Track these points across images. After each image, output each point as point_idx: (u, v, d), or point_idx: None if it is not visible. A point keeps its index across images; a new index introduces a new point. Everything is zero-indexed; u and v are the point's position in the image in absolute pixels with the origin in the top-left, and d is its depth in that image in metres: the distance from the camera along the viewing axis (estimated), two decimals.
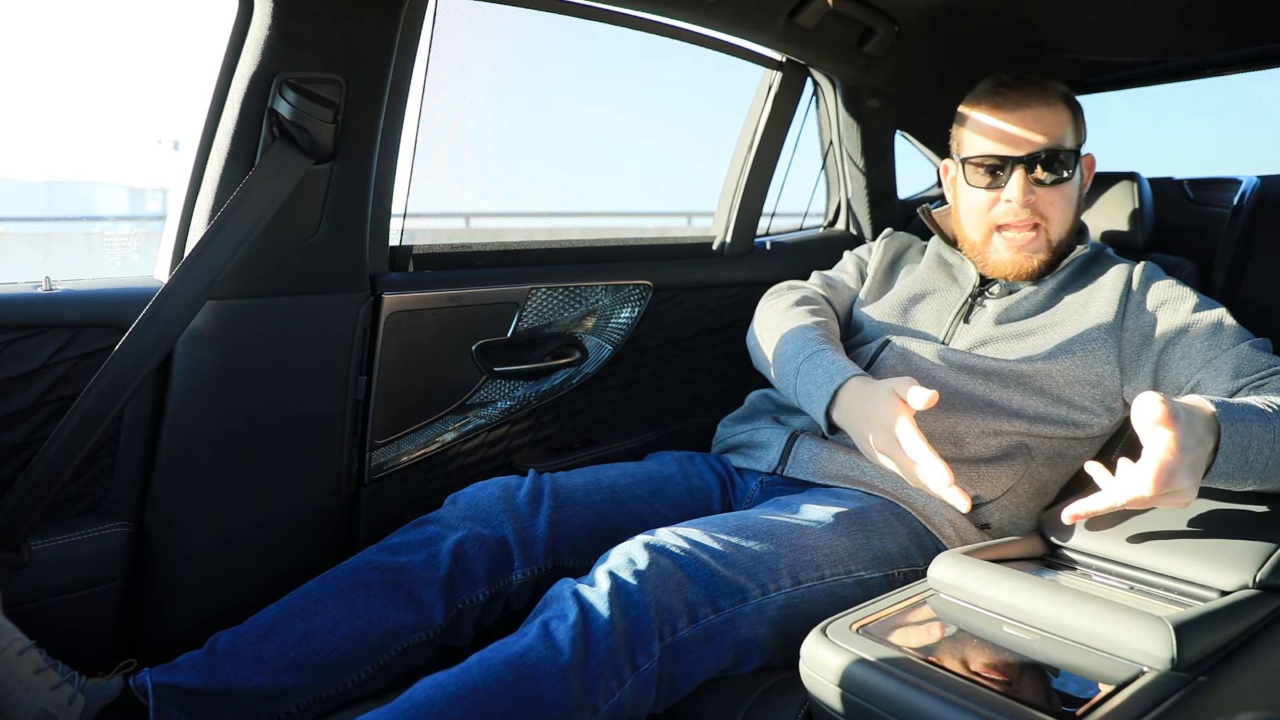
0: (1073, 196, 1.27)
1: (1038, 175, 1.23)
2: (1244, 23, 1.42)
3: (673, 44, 1.50)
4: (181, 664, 1.01)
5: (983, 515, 1.17)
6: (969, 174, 1.28)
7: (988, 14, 1.50)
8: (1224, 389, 1.08)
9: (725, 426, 1.42)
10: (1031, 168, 1.22)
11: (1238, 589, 0.82)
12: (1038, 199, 1.23)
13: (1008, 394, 1.21)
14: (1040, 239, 1.25)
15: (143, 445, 1.12)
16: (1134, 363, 1.19)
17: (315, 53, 1.08)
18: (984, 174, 1.26)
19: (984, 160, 1.25)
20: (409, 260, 1.35)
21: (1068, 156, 1.23)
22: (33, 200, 2.19)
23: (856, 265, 1.53)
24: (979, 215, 1.28)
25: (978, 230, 1.29)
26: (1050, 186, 1.23)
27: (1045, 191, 1.23)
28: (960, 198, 1.33)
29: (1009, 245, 1.26)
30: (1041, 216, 1.24)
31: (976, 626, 0.83)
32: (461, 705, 0.81)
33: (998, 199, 1.25)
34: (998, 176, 1.25)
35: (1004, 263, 1.28)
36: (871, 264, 1.50)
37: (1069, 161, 1.24)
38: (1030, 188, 1.22)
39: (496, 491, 1.16)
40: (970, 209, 1.30)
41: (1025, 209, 1.22)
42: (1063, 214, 1.25)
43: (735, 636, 0.94)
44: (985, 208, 1.27)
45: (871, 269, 1.48)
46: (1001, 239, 1.27)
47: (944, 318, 1.33)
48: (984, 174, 1.26)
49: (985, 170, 1.25)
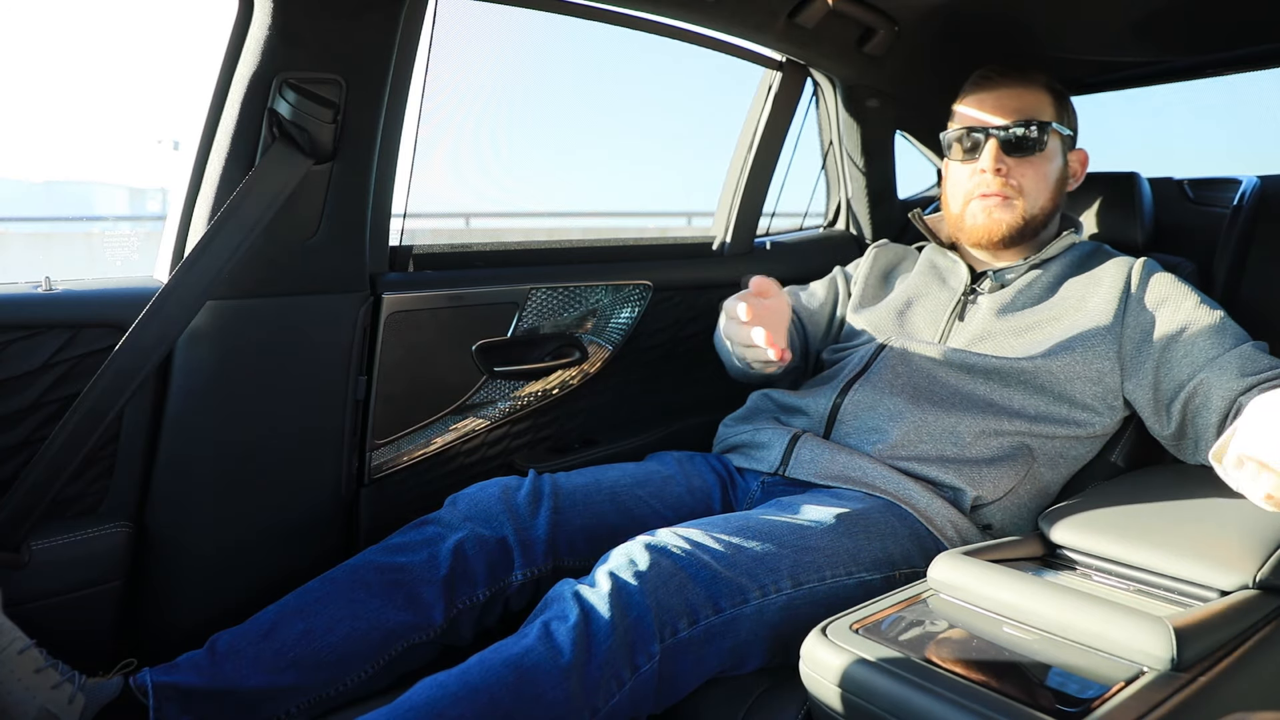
0: (1049, 174, 1.31)
1: (1010, 145, 1.29)
2: (1244, 23, 1.42)
3: (673, 44, 1.50)
4: (182, 663, 1.01)
5: (983, 516, 1.17)
6: (952, 150, 1.36)
7: (987, 14, 1.51)
8: (1231, 388, 1.08)
9: (726, 426, 1.42)
10: (1004, 140, 1.28)
11: (1238, 589, 0.82)
12: (1010, 170, 1.29)
13: (1008, 393, 1.21)
14: (1012, 208, 1.30)
15: (143, 445, 1.12)
16: (1134, 360, 1.20)
17: (315, 53, 1.08)
18: (962, 148, 1.33)
19: (961, 133, 1.33)
20: (409, 260, 1.35)
21: (1041, 129, 1.29)
22: (33, 200, 2.19)
23: (829, 282, 1.57)
24: (960, 188, 1.35)
25: (958, 202, 1.35)
26: (1023, 158, 1.29)
27: (1017, 163, 1.29)
28: (947, 178, 1.39)
29: (982, 209, 1.31)
30: (1015, 189, 1.29)
31: (976, 626, 0.83)
32: (462, 706, 0.81)
33: (974, 171, 1.31)
34: (975, 149, 1.31)
35: (977, 228, 1.32)
36: (860, 273, 1.52)
37: (1042, 134, 1.29)
38: (1001, 157, 1.29)
39: (496, 492, 1.16)
40: (954, 184, 1.37)
41: (997, 178, 1.28)
42: (1036, 187, 1.30)
43: (736, 637, 0.94)
44: (965, 179, 1.34)
45: (861, 277, 1.51)
46: (976, 204, 1.32)
47: (939, 318, 1.34)
48: (962, 148, 1.33)
49: (963, 144, 1.33)
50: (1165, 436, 1.18)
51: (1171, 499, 1.02)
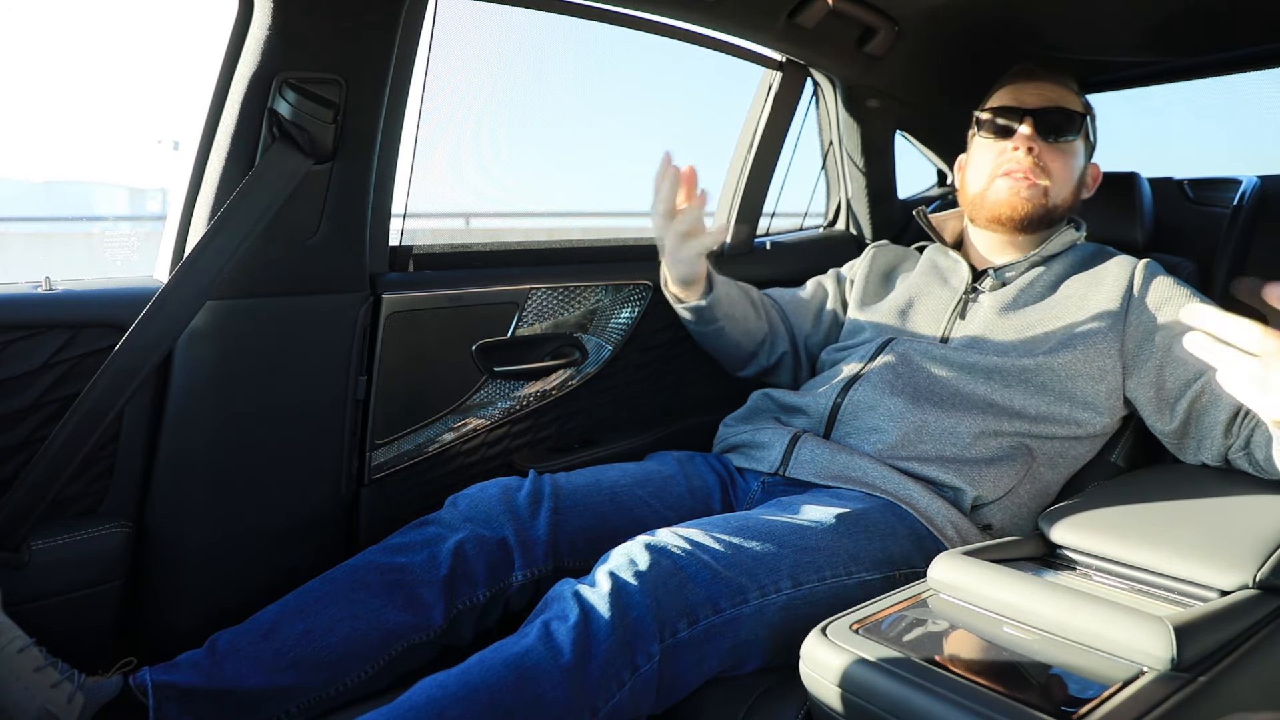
0: (1074, 168, 1.32)
1: (1046, 127, 1.29)
2: (1244, 23, 1.42)
3: (673, 44, 1.50)
4: (181, 663, 1.01)
5: (984, 516, 1.17)
6: (983, 128, 1.35)
7: (988, 14, 1.51)
8: None
9: (727, 426, 1.42)
10: (1041, 120, 1.29)
11: (1238, 589, 0.82)
12: (1041, 152, 1.29)
13: (1009, 393, 1.21)
14: (1037, 190, 1.29)
15: (143, 445, 1.12)
16: (1136, 359, 1.20)
17: (315, 53, 1.08)
18: (996, 128, 1.33)
19: (998, 112, 1.33)
20: (409, 260, 1.35)
21: (1076, 119, 1.30)
22: (33, 200, 2.19)
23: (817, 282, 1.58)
24: (987, 164, 1.34)
25: (981, 179, 1.35)
26: (1054, 144, 1.30)
27: (1049, 149, 1.30)
28: (971, 157, 1.39)
29: (1008, 187, 1.30)
30: (1043, 171, 1.29)
31: (976, 626, 0.83)
32: (462, 706, 0.81)
33: (1005, 149, 1.31)
34: (1009, 130, 1.31)
35: (1000, 203, 1.31)
36: (859, 273, 1.53)
37: (1075, 124, 1.30)
38: (1035, 137, 1.29)
39: (497, 492, 1.16)
40: (979, 163, 1.36)
41: (1029, 156, 1.28)
42: (1063, 176, 1.31)
43: (736, 637, 0.94)
44: (994, 155, 1.33)
45: (860, 276, 1.52)
46: (1003, 180, 1.31)
47: (940, 317, 1.34)
48: (996, 128, 1.33)
49: (997, 124, 1.33)
50: (1167, 433, 1.18)
51: (1171, 499, 1.02)
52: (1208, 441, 1.12)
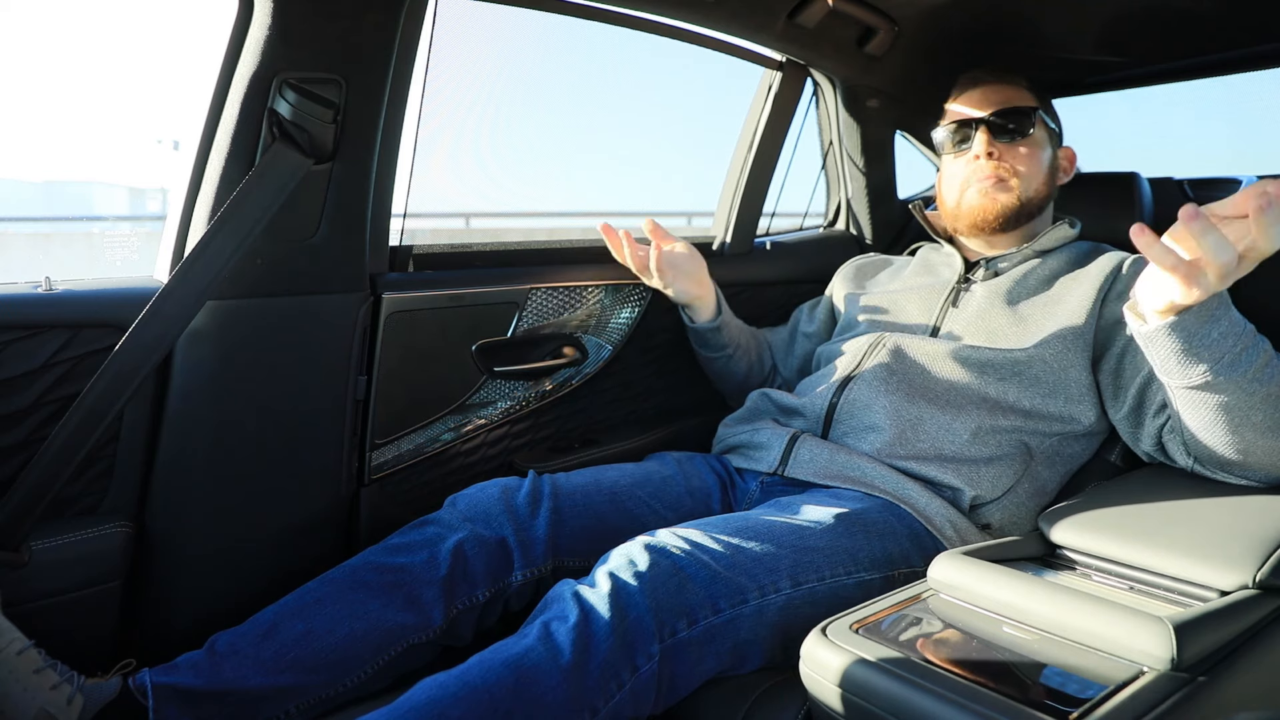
0: (1041, 159, 1.36)
1: (999, 130, 1.34)
2: (1244, 23, 1.42)
3: (673, 44, 1.50)
4: (181, 664, 1.00)
5: (982, 515, 1.17)
6: (944, 145, 1.41)
7: (988, 14, 1.50)
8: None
9: (726, 427, 1.42)
10: (993, 125, 1.34)
11: (1238, 589, 0.82)
12: (1002, 154, 1.34)
13: (1003, 387, 1.21)
14: (1008, 189, 1.33)
15: (143, 445, 1.12)
16: (1104, 346, 1.21)
17: (315, 53, 1.08)
18: (954, 141, 1.39)
19: (952, 127, 1.39)
20: (409, 260, 1.35)
21: (1026, 115, 1.34)
22: (33, 200, 2.19)
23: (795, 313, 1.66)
24: (956, 177, 1.39)
25: (954, 192, 1.39)
26: (1012, 144, 1.34)
27: (1008, 149, 1.34)
28: (943, 173, 1.44)
29: (979, 194, 1.35)
30: (1009, 171, 1.34)
31: (976, 626, 0.83)
32: (462, 706, 0.81)
33: (968, 159, 1.36)
34: (966, 141, 1.37)
35: (974, 209, 1.36)
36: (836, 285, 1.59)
37: (1028, 120, 1.34)
38: (992, 142, 1.34)
39: (496, 493, 1.16)
40: (949, 178, 1.41)
41: (990, 162, 1.33)
42: (1030, 170, 1.34)
43: (735, 637, 0.94)
44: (960, 167, 1.38)
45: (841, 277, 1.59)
46: (973, 191, 1.36)
47: (933, 306, 1.36)
48: (954, 141, 1.39)
49: (955, 137, 1.39)
50: (1118, 420, 1.20)
51: (1171, 499, 1.02)
52: (1147, 421, 1.14)
